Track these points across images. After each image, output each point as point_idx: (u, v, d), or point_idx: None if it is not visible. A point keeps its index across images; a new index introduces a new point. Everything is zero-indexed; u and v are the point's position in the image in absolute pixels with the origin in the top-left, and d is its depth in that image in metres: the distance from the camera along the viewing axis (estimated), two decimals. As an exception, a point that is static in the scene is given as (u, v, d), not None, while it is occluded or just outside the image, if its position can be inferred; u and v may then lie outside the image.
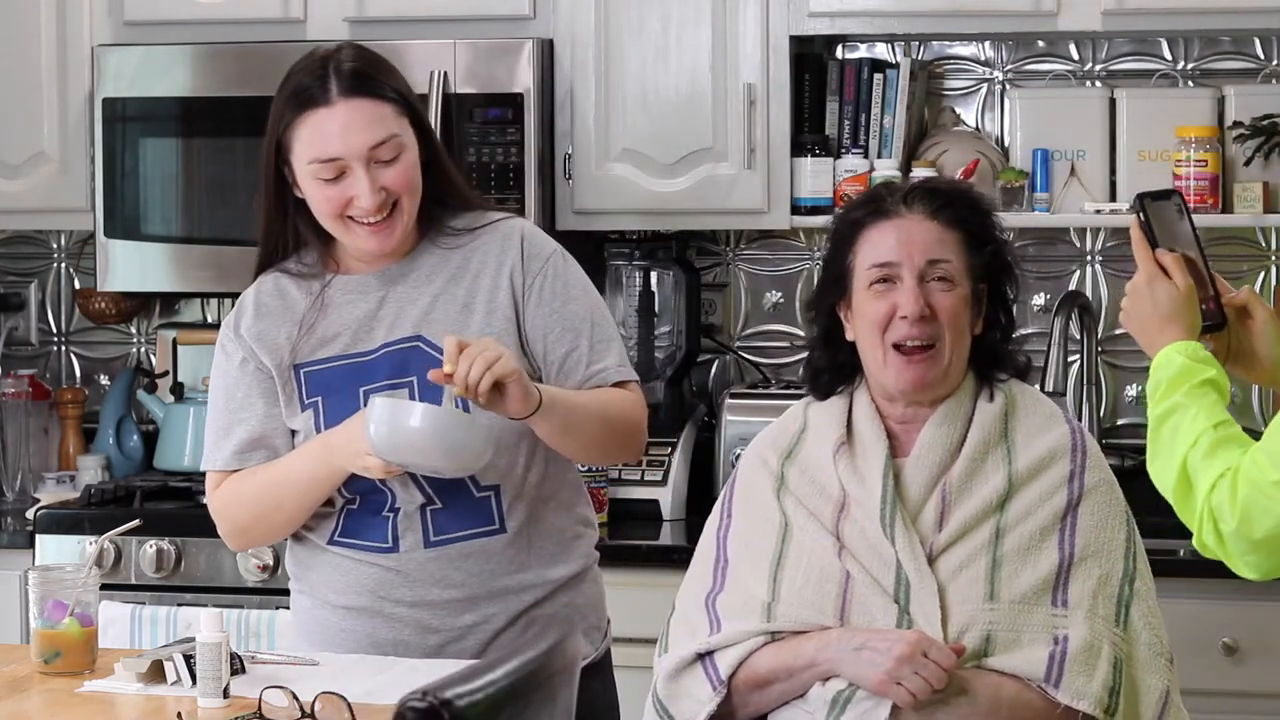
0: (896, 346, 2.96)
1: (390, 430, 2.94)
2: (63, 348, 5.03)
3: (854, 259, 3.02)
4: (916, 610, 2.88)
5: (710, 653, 2.96)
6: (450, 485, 3.08)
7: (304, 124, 3.08)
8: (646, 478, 4.40)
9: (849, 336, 3.04)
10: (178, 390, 4.73)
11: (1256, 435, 2.52)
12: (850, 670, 2.85)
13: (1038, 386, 3.24)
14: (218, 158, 4.47)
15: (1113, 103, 4.44)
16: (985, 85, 4.63)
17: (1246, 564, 2.44)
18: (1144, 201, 2.70)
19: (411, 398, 3.06)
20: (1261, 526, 2.39)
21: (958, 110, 4.63)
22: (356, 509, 3.14)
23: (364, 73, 3.10)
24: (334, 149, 3.06)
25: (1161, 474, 2.52)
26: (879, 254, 2.99)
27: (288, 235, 3.18)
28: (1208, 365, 2.56)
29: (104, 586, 3.80)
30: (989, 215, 3.08)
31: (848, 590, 2.92)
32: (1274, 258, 4.43)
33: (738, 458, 3.20)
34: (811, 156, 4.38)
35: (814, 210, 4.37)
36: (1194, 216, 2.74)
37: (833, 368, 3.08)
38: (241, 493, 3.17)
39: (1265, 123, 4.31)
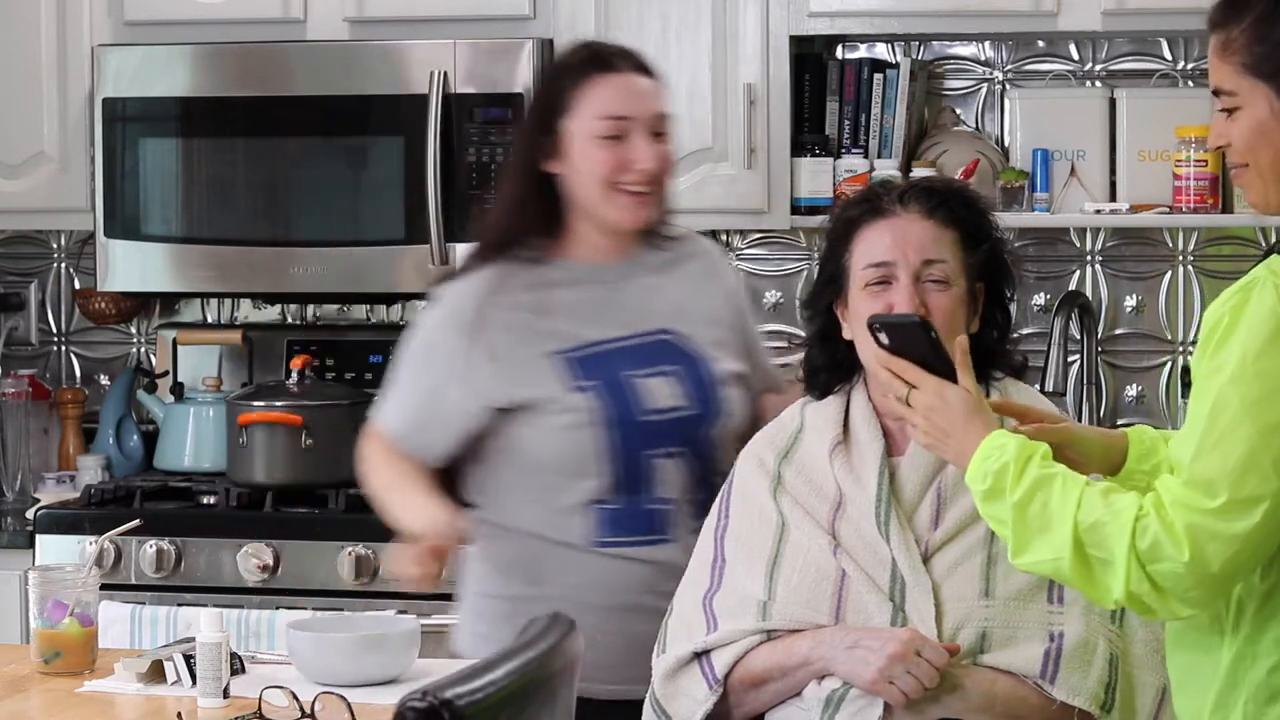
0: None
1: (313, 664, 2.99)
2: (63, 348, 5.03)
3: (850, 258, 3.02)
4: (911, 608, 2.88)
5: (707, 652, 2.96)
6: (697, 481, 3.22)
7: (595, 84, 3.21)
8: (647, 477, 4.40)
9: (846, 335, 3.04)
10: (178, 390, 4.73)
11: None
12: (843, 669, 2.85)
13: (1038, 386, 3.24)
14: (218, 158, 4.47)
15: (1113, 103, 4.44)
16: (985, 85, 4.63)
17: (1186, 600, 2.32)
18: (880, 324, 2.69)
19: (678, 384, 3.23)
20: (1217, 556, 2.28)
21: (958, 110, 4.63)
22: (615, 506, 3.20)
23: (641, 56, 3.30)
24: (625, 108, 3.20)
25: (1043, 554, 2.39)
26: (874, 253, 2.99)
27: (529, 216, 3.25)
28: (1036, 442, 2.47)
29: (104, 586, 3.80)
30: (985, 214, 3.07)
31: (843, 589, 2.92)
32: (1274, 258, 4.43)
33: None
34: (811, 156, 4.38)
35: (814, 210, 4.36)
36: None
37: (830, 366, 3.08)
38: (374, 467, 3.27)
39: (1265, 123, 4.30)
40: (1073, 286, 4.58)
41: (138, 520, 3.51)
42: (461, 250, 4.32)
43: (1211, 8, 2.45)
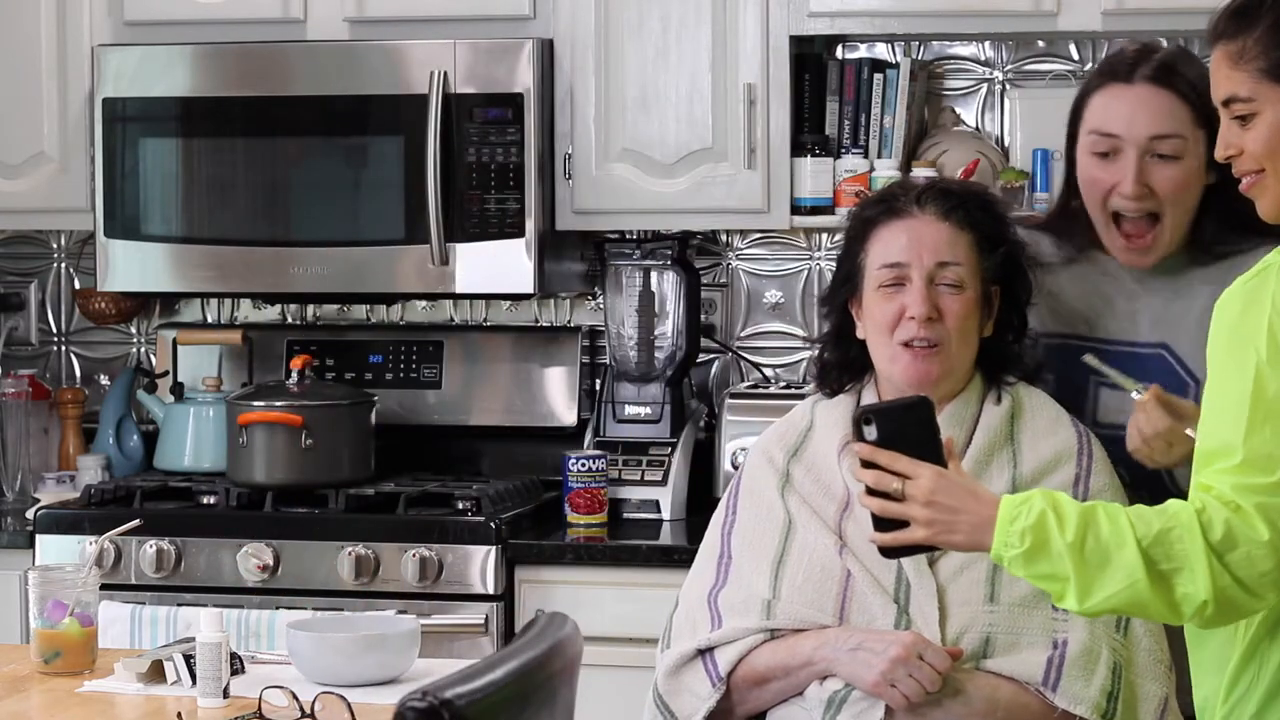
0: (905, 344, 2.96)
1: (313, 664, 2.98)
2: (63, 348, 5.03)
3: (865, 257, 3.03)
4: (915, 611, 2.88)
5: (710, 649, 2.96)
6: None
7: (1100, 94, 3.08)
8: (646, 478, 4.40)
9: (859, 334, 3.04)
10: (178, 390, 4.73)
11: None
12: (846, 670, 2.85)
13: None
14: (218, 158, 4.47)
15: (1113, 103, 4.44)
16: (985, 85, 4.63)
17: (1266, 583, 2.30)
18: (871, 414, 2.54)
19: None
20: None
21: (958, 110, 4.63)
22: None
23: (1172, 66, 3.06)
24: (1114, 125, 3.04)
25: (1114, 585, 2.35)
26: (890, 254, 2.99)
27: (1069, 215, 3.15)
28: (1049, 490, 2.47)
29: (104, 586, 3.80)
30: (1002, 217, 3.07)
31: (848, 589, 2.92)
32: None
33: (736, 458, 3.20)
34: (811, 156, 4.38)
35: (814, 210, 4.36)
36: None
37: (843, 364, 3.08)
38: None
39: (1265, 123, 4.30)
40: (1073, 287, 4.57)
41: (138, 520, 3.51)
42: (461, 250, 4.32)
43: (1214, 20, 2.45)
